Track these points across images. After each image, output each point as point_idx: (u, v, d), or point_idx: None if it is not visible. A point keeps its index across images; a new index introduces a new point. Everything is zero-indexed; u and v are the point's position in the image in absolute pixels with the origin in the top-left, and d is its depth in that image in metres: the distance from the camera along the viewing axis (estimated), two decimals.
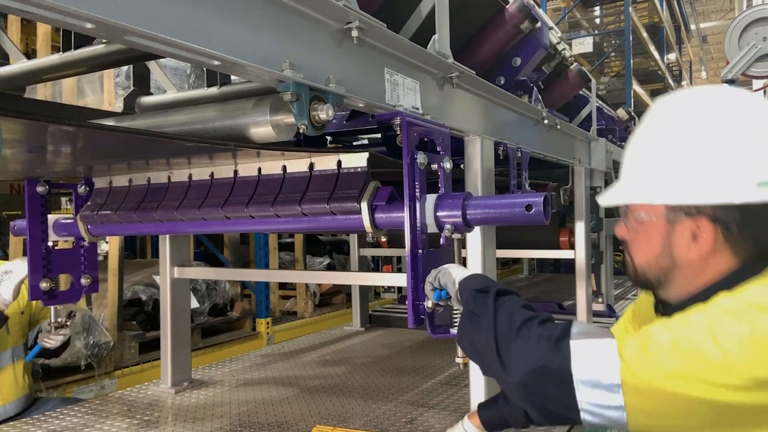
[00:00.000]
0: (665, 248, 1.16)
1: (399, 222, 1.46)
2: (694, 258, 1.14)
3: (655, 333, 1.03)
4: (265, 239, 5.78)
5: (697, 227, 1.12)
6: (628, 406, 1.01)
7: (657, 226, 1.16)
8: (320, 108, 1.18)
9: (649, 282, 1.22)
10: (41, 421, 2.22)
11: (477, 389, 1.93)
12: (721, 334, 0.97)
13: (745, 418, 0.98)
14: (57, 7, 0.74)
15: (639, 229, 1.20)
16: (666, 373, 0.98)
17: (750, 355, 0.95)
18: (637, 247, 1.22)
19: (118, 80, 4.00)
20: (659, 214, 1.15)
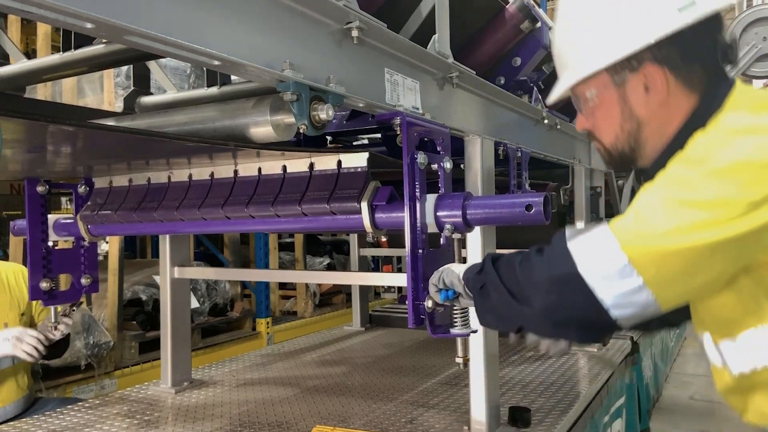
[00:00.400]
0: (625, 112, 1.17)
1: (399, 222, 1.46)
2: (655, 107, 1.14)
3: (643, 199, 1.02)
4: (265, 239, 5.78)
5: (645, 77, 1.13)
6: (648, 284, 0.98)
7: (608, 96, 1.18)
8: (320, 108, 1.18)
9: (624, 155, 1.22)
10: (41, 421, 2.22)
11: (477, 389, 1.94)
12: (707, 172, 0.96)
13: (756, 243, 0.96)
14: (57, 7, 0.74)
15: (595, 110, 1.21)
16: (665, 232, 0.96)
17: (739, 181, 0.94)
18: (601, 127, 1.23)
19: (118, 80, 4.00)
20: (605, 84, 1.17)
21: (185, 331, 2.59)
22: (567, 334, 1.10)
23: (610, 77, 1.16)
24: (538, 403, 2.24)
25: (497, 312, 1.17)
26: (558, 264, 1.04)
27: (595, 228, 1.05)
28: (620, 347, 3.22)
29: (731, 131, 1.01)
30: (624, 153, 1.22)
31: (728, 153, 0.97)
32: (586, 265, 1.01)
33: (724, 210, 0.94)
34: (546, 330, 1.11)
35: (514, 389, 2.45)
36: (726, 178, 0.95)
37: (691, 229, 0.95)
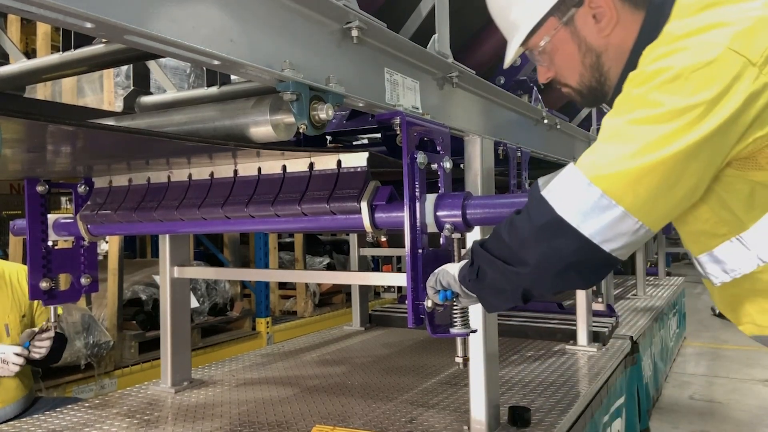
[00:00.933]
0: (581, 47, 1.19)
1: (399, 222, 1.46)
2: (608, 32, 1.17)
3: (605, 128, 1.03)
4: (265, 239, 5.78)
5: (591, 7, 1.15)
6: (630, 210, 0.98)
7: (561, 37, 1.20)
8: (320, 108, 1.18)
9: (594, 90, 1.23)
10: (41, 421, 2.22)
11: (477, 389, 1.94)
12: (659, 85, 0.97)
13: (724, 139, 0.97)
14: (57, 7, 0.74)
15: (552, 56, 1.23)
16: (632, 153, 0.97)
17: (691, 85, 0.95)
18: (564, 70, 1.25)
19: (117, 80, 4.00)
20: (555, 27, 1.19)
21: (185, 330, 2.59)
22: (571, 282, 1.08)
23: (557, 19, 1.18)
24: (537, 403, 2.24)
25: (498, 286, 1.16)
26: (538, 214, 1.05)
27: (563, 169, 1.06)
28: (620, 347, 3.22)
29: (675, 38, 1.02)
30: (593, 88, 1.23)
31: (675, 60, 0.98)
32: (562, 206, 1.02)
33: (684, 117, 0.95)
34: (549, 283, 1.09)
35: (514, 389, 2.45)
36: (678, 85, 0.96)
37: (658, 144, 0.96)
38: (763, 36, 0.97)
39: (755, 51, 0.96)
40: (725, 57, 0.95)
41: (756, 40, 0.97)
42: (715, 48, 0.96)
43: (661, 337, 4.78)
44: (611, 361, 2.93)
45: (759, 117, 0.97)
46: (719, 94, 0.94)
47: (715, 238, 1.10)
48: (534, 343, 3.31)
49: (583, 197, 1.00)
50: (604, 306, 3.81)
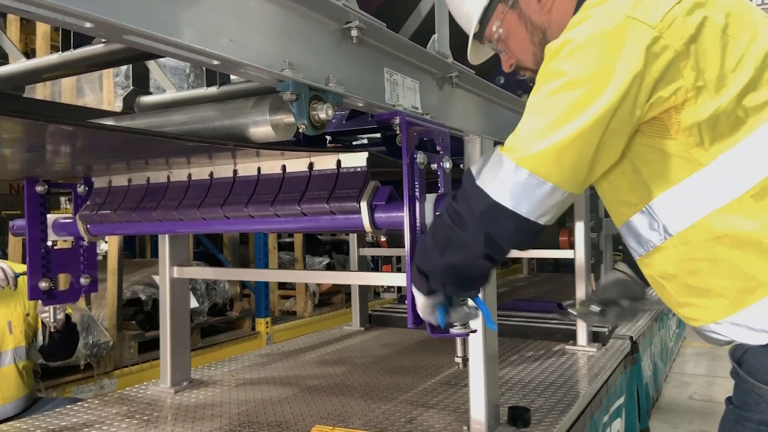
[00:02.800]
0: (528, 27, 1.27)
1: (398, 222, 1.46)
2: (548, 7, 1.24)
3: (527, 104, 1.10)
4: (265, 239, 5.78)
5: None
6: (558, 183, 1.04)
7: (510, 21, 1.28)
8: (320, 108, 1.18)
9: None
10: (41, 421, 2.22)
11: (476, 389, 1.94)
12: (567, 54, 1.04)
13: (629, 106, 1.01)
14: (56, 7, 0.74)
15: (507, 41, 1.31)
16: (547, 127, 1.03)
17: (598, 50, 1.01)
18: (520, 52, 1.32)
19: (117, 80, 4.00)
20: (503, 12, 1.27)
21: (184, 330, 2.59)
22: (507, 249, 1.16)
23: (503, 5, 1.26)
24: (537, 403, 2.24)
25: (451, 274, 1.21)
26: (476, 202, 1.10)
27: (490, 156, 1.12)
28: (620, 347, 3.22)
29: (586, 7, 1.08)
30: None
31: (579, 31, 1.04)
32: (497, 192, 1.07)
33: (588, 84, 1.01)
34: (495, 255, 1.16)
35: (514, 389, 2.45)
36: (580, 54, 1.02)
37: (570, 114, 1.01)
38: (663, 1, 1.02)
39: (655, 15, 1.01)
40: (624, 24, 1.01)
41: (656, 5, 1.02)
42: (615, 16, 1.02)
43: (660, 337, 4.78)
44: (611, 362, 2.93)
45: (662, 78, 1.01)
46: (618, 59, 0.99)
47: (629, 207, 1.17)
48: (534, 343, 3.31)
49: (513, 180, 1.06)
50: None
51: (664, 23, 1.01)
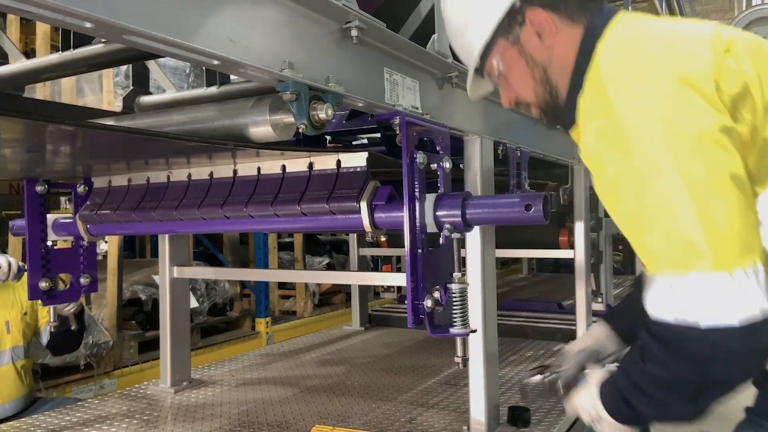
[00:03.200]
0: (529, 63, 1.24)
1: (398, 222, 1.46)
2: (551, 45, 1.21)
3: (634, 215, 1.02)
4: (265, 239, 5.78)
5: (532, 25, 1.20)
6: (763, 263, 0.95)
7: (511, 56, 1.25)
8: (319, 107, 1.18)
9: (550, 105, 1.27)
10: (40, 421, 2.22)
11: (476, 389, 1.94)
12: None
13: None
14: (56, 7, 0.74)
15: (508, 77, 1.29)
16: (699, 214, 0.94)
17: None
18: (520, 88, 1.30)
19: (117, 80, 4.00)
20: (504, 48, 1.25)
21: (184, 330, 2.59)
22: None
23: (505, 40, 1.24)
24: (537, 403, 2.24)
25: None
26: (681, 346, 0.97)
27: (657, 288, 1.00)
28: None
29: (599, 104, 1.06)
30: (549, 103, 1.27)
31: (640, 107, 1.00)
32: (707, 314, 0.93)
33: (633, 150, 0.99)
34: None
35: (514, 389, 2.45)
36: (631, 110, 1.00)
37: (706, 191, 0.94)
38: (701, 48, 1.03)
39: (703, 65, 1.01)
40: (681, 87, 0.99)
41: (696, 54, 1.02)
42: (667, 79, 1.00)
43: None
44: None
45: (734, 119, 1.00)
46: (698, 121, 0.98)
47: None
48: (534, 343, 3.31)
49: (713, 289, 0.92)
50: (604, 306, 3.81)
51: (717, 71, 1.00)
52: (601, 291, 3.81)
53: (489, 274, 1.94)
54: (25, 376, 2.64)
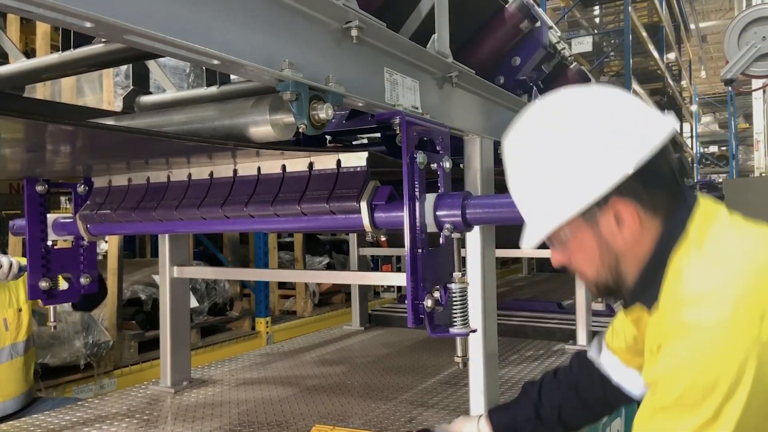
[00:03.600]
0: (602, 247, 1.18)
1: (398, 221, 1.46)
2: (630, 238, 1.16)
3: None
4: (265, 239, 5.78)
5: (615, 212, 1.14)
6: None
7: (583, 234, 1.18)
8: (320, 107, 1.18)
9: (609, 287, 1.23)
10: (40, 421, 2.22)
11: (476, 388, 1.94)
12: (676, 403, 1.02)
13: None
14: (56, 7, 0.74)
15: (571, 248, 1.22)
16: None
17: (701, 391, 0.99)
18: (580, 263, 1.24)
19: (117, 79, 4.00)
20: (577, 225, 1.17)
21: (184, 330, 2.59)
22: None
23: (580, 217, 1.16)
24: None
25: None
26: None
27: None
28: None
29: (676, 320, 1.05)
30: (609, 286, 1.23)
31: (678, 373, 1.02)
32: None
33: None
34: None
35: (514, 389, 2.45)
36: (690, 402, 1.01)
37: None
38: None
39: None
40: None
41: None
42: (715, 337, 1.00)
43: None
44: None
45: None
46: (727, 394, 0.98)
47: None
48: (533, 343, 3.31)
49: None
50: (604, 306, 3.81)
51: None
52: None
53: (489, 274, 1.94)
54: (26, 373, 2.64)
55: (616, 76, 14.25)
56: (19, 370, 2.60)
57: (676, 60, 20.89)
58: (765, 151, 15.37)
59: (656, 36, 16.00)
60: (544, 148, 1.16)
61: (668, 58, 18.88)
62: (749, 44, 6.79)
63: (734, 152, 20.06)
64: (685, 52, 22.70)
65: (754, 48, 6.77)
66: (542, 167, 1.16)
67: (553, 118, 1.18)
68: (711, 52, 30.31)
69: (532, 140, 1.19)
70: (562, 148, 1.13)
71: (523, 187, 1.22)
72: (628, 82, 11.72)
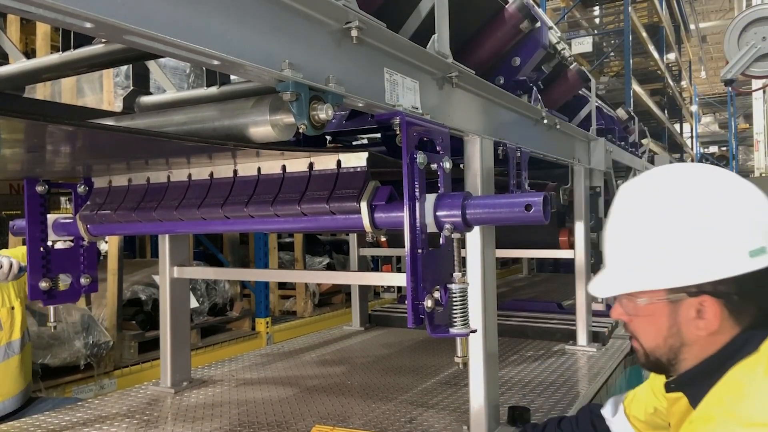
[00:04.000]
0: (672, 328, 1.18)
1: (398, 222, 1.46)
2: (702, 334, 1.16)
3: None
4: (265, 239, 5.78)
5: (701, 304, 1.14)
6: None
7: (660, 308, 1.18)
8: (320, 108, 1.18)
9: (659, 362, 1.24)
10: (40, 421, 2.22)
11: (476, 389, 1.94)
12: None
13: None
14: (56, 7, 0.74)
15: (640, 313, 1.21)
16: None
17: None
18: (643, 330, 1.23)
19: (117, 80, 4.00)
20: (661, 297, 1.17)
21: (185, 330, 2.59)
22: None
23: (667, 293, 1.16)
24: (537, 403, 2.24)
25: None
26: None
27: None
28: (620, 347, 3.22)
29: None
30: (660, 361, 1.23)
31: None
32: None
33: None
34: None
35: (514, 389, 2.45)
36: None
37: None
38: None
39: None
40: None
41: None
42: None
43: None
44: (611, 361, 2.93)
45: None
46: None
47: None
48: (533, 343, 3.31)
49: None
50: (604, 306, 3.81)
51: None
52: None
53: (489, 274, 1.94)
54: (23, 371, 2.64)
55: (616, 77, 14.25)
56: (16, 368, 2.60)
57: (676, 60, 20.90)
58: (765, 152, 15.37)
59: (656, 36, 16.01)
60: (668, 213, 1.15)
61: (668, 58, 18.89)
62: (749, 44, 6.79)
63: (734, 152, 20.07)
64: (685, 53, 22.70)
65: (754, 48, 6.77)
66: (657, 230, 1.15)
67: (691, 190, 1.16)
68: (711, 53, 30.31)
69: (660, 200, 1.17)
70: (684, 223, 1.12)
71: (625, 238, 1.21)
72: (627, 82, 11.73)
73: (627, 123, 5.12)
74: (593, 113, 3.49)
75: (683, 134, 23.26)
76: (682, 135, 22.62)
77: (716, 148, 28.82)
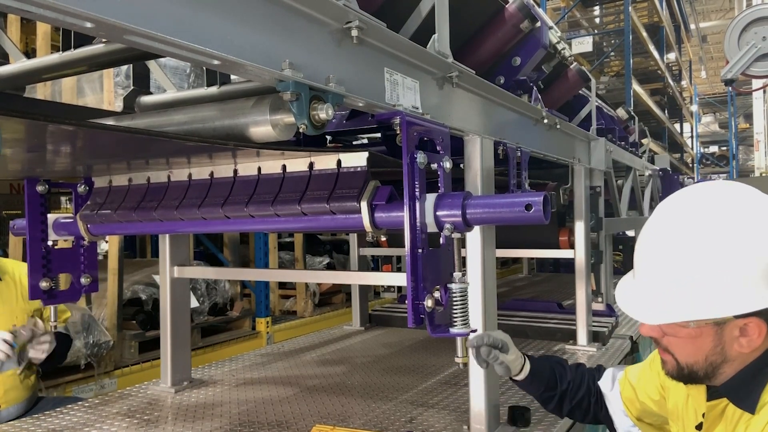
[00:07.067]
0: (717, 347, 1.20)
1: (399, 221, 1.46)
2: (746, 349, 1.19)
3: None
4: (265, 239, 5.78)
5: (746, 324, 1.16)
6: None
7: (706, 331, 1.19)
8: (320, 107, 1.18)
9: (695, 375, 1.25)
10: (41, 421, 2.22)
11: (476, 388, 1.94)
12: None
13: None
14: (57, 7, 0.74)
15: (681, 333, 1.22)
16: None
17: None
18: (680, 347, 1.24)
19: (117, 79, 4.00)
20: (708, 321, 1.18)
21: (185, 330, 2.59)
22: None
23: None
24: (537, 403, 2.24)
25: None
26: None
27: None
28: (620, 347, 3.22)
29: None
30: (696, 374, 1.25)
31: None
32: None
33: None
34: None
35: (514, 388, 2.45)
36: None
37: None
38: None
39: None
40: None
41: None
42: None
43: None
44: (611, 361, 2.93)
45: None
46: None
47: None
48: (534, 342, 3.31)
49: None
50: (604, 306, 3.81)
51: None
52: (601, 291, 3.81)
53: (489, 274, 1.94)
54: (27, 379, 2.64)
55: (617, 77, 14.25)
56: (23, 376, 2.60)
57: (677, 60, 20.91)
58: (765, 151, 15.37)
59: (656, 36, 16.02)
60: (722, 243, 1.14)
61: (668, 58, 18.90)
62: (749, 44, 6.79)
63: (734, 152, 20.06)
64: (685, 53, 22.71)
65: (755, 48, 6.77)
66: (715, 258, 1.14)
67: (745, 215, 1.16)
68: (711, 52, 30.31)
69: (715, 229, 1.16)
70: (739, 253, 1.13)
71: (676, 262, 1.19)
72: (628, 82, 11.73)
73: (627, 123, 5.12)
74: (593, 113, 3.49)
75: (683, 134, 23.26)
76: (682, 135, 22.62)
77: (716, 148, 28.81)
